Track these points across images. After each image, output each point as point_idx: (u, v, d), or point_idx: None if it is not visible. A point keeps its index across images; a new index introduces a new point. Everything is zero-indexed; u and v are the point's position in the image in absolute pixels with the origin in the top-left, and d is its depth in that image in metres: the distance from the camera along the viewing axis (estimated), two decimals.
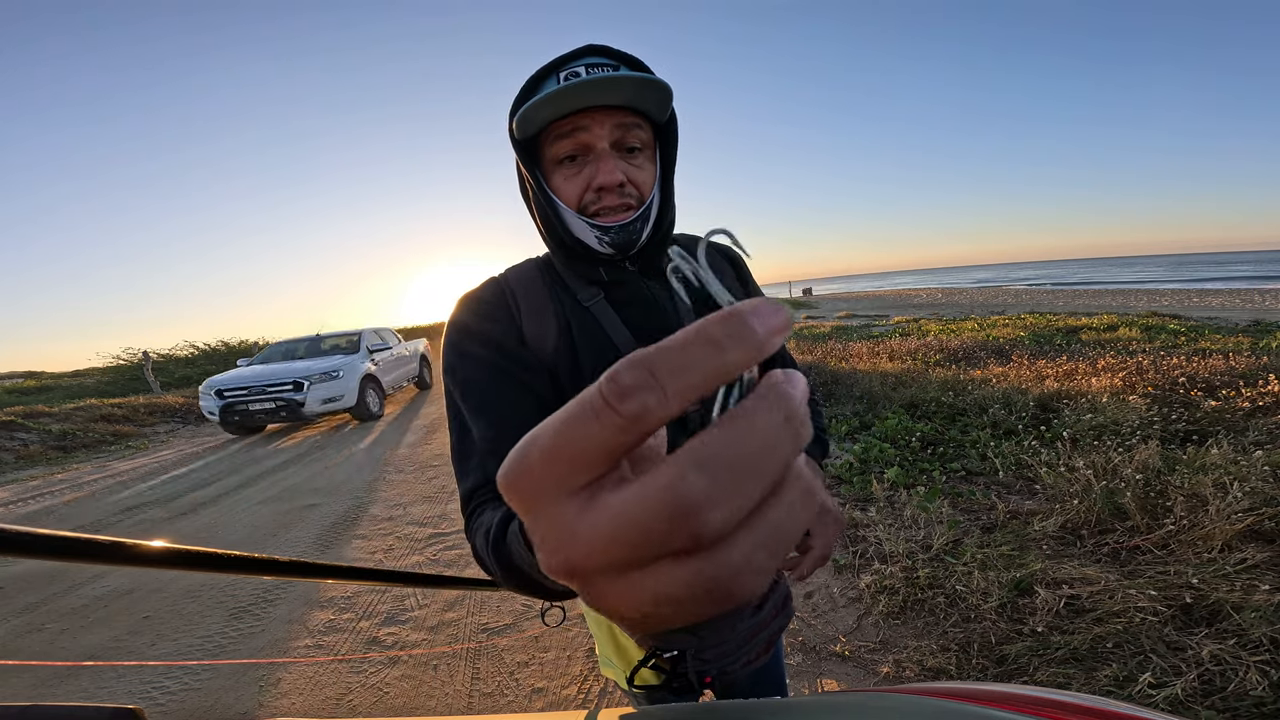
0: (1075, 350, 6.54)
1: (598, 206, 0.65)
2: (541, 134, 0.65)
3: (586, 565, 0.16)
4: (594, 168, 0.64)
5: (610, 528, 0.15)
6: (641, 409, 0.15)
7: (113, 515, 4.48)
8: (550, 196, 0.66)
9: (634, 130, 0.65)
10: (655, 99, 0.64)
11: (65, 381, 14.87)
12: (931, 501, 2.87)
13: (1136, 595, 1.92)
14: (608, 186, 0.63)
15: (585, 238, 0.66)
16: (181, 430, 8.65)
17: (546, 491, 0.16)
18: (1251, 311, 13.19)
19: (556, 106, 0.61)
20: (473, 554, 0.55)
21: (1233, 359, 4.90)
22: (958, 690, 0.39)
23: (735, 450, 0.15)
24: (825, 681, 1.88)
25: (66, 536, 0.45)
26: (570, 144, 0.63)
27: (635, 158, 0.66)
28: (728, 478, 0.15)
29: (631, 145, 0.65)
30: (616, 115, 0.63)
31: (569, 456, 0.16)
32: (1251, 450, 2.79)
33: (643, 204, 0.67)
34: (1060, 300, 21.50)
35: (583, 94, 0.60)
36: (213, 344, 16.66)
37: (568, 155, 0.64)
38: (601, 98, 0.61)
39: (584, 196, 0.65)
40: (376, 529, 3.70)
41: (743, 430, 0.15)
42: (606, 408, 0.15)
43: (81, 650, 2.49)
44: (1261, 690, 1.51)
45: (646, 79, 0.61)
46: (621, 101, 0.62)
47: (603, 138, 0.63)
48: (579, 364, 0.67)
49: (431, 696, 2.01)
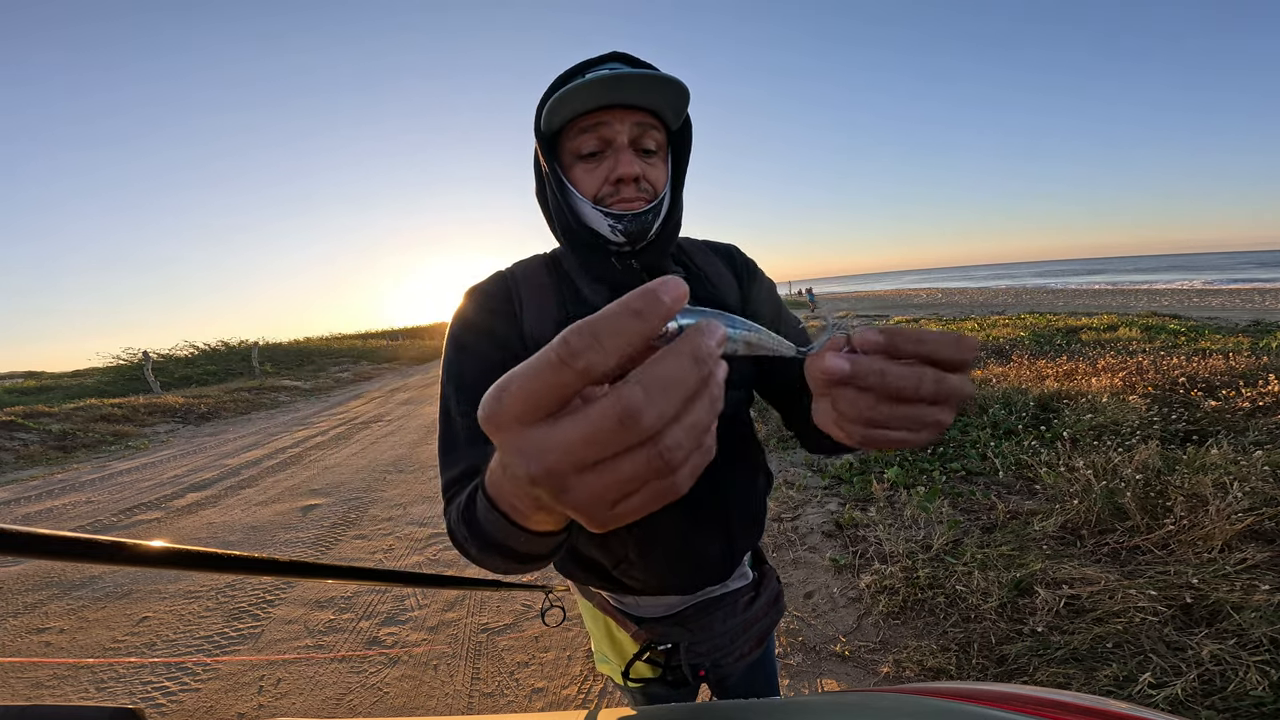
0: (1075, 350, 6.54)
1: (614, 199, 0.68)
2: (563, 130, 0.68)
3: (561, 466, 0.22)
4: (614, 160, 0.67)
5: (578, 433, 0.21)
6: (588, 364, 0.21)
7: (111, 516, 4.48)
8: (566, 186, 0.69)
9: (651, 132, 0.68)
10: (674, 103, 0.67)
11: (65, 381, 14.86)
12: (931, 501, 2.87)
13: (1136, 595, 1.92)
14: (626, 179, 0.66)
15: (598, 226, 0.69)
16: (181, 430, 8.65)
17: (521, 421, 0.22)
18: (1251, 311, 13.20)
19: (584, 100, 0.64)
20: (447, 533, 0.56)
21: (1233, 359, 4.89)
22: (958, 690, 0.39)
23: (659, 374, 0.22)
24: (825, 681, 1.88)
25: (66, 536, 0.45)
26: (592, 138, 0.66)
27: (650, 159, 0.69)
28: (656, 390, 0.21)
29: (647, 147, 0.68)
30: (636, 115, 0.66)
31: (535, 397, 0.22)
32: (1251, 450, 2.79)
33: (657, 198, 0.70)
34: (1060, 300, 21.50)
35: (609, 89, 0.63)
36: (213, 344, 16.65)
37: (589, 151, 0.67)
38: (625, 95, 0.64)
39: (601, 189, 0.68)
40: (377, 529, 3.70)
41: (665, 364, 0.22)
42: (562, 364, 0.21)
43: (81, 650, 2.49)
44: (1261, 690, 1.51)
45: (671, 79, 0.64)
46: (643, 102, 0.66)
47: (623, 134, 0.66)
48: None
49: (431, 696, 2.01)
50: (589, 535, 0.77)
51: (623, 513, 0.24)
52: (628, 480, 0.22)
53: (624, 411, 0.21)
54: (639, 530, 0.74)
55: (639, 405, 0.21)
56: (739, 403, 0.77)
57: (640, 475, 0.22)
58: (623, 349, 0.21)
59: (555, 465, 0.22)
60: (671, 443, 0.22)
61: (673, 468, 0.22)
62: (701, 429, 0.23)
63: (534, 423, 0.22)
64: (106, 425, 8.40)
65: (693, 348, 0.23)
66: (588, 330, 0.21)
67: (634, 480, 0.22)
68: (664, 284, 0.22)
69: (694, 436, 0.23)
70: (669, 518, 0.74)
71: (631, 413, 0.21)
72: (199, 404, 9.80)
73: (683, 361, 0.22)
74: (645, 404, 0.21)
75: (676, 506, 0.89)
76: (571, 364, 0.21)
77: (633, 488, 0.23)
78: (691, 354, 0.22)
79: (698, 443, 0.23)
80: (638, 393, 0.21)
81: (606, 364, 0.21)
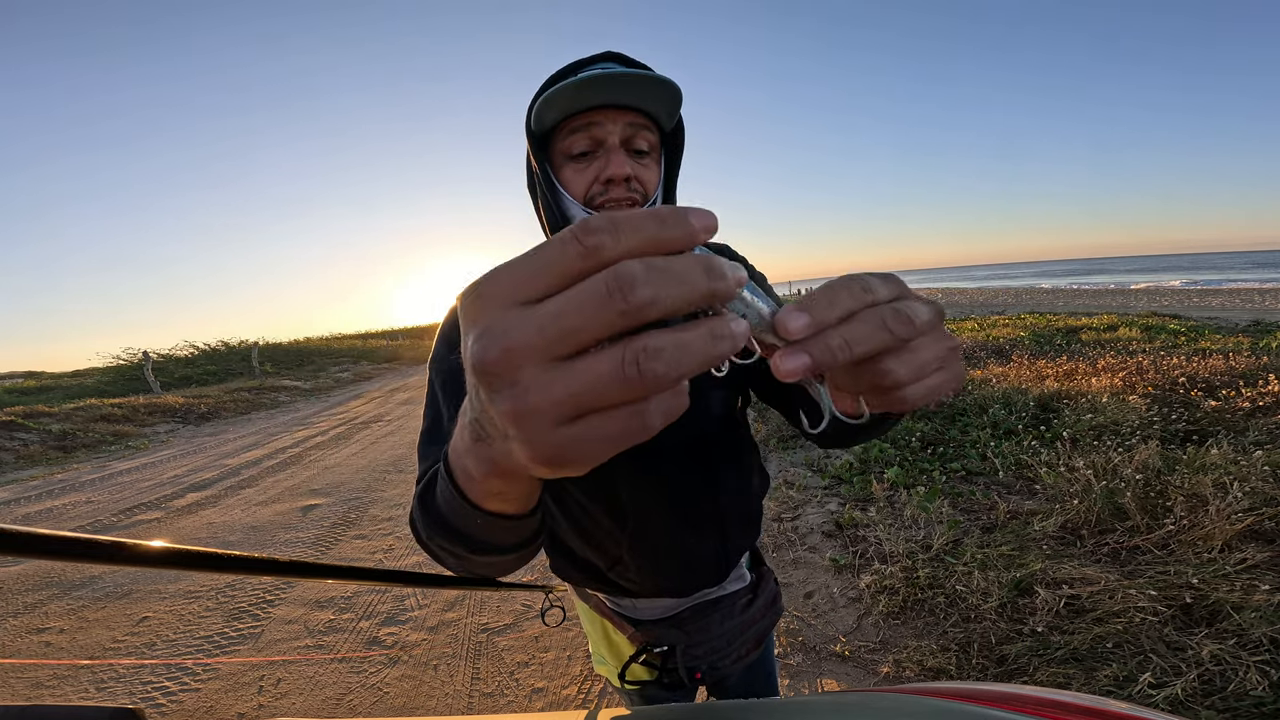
0: (1075, 350, 6.54)
1: (604, 199, 0.66)
2: (555, 130, 0.67)
3: (522, 346, 0.20)
4: (604, 160, 0.65)
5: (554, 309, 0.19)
6: (599, 244, 0.19)
7: (111, 516, 4.48)
8: (555, 186, 0.68)
9: (643, 133, 0.67)
10: (666, 104, 0.66)
11: (65, 381, 14.85)
12: (931, 501, 2.87)
13: (1136, 595, 1.91)
14: (616, 179, 0.65)
15: None
16: (181, 430, 8.65)
17: (504, 297, 0.20)
18: (1251, 311, 13.19)
19: (574, 100, 0.63)
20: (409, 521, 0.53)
21: (1233, 359, 4.89)
22: (958, 690, 0.39)
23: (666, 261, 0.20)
24: (825, 681, 1.88)
25: (66, 536, 0.45)
26: (583, 139, 0.65)
27: (643, 159, 0.68)
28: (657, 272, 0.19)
29: (640, 147, 0.67)
30: (628, 115, 0.65)
31: (532, 272, 0.20)
32: (1251, 450, 2.79)
33: (647, 201, 0.69)
34: (1060, 300, 21.50)
35: (601, 88, 0.62)
36: (213, 344, 16.64)
37: (580, 151, 0.66)
38: (617, 94, 0.63)
39: (591, 189, 0.66)
40: (376, 529, 3.70)
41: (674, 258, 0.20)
42: (574, 239, 0.20)
43: (81, 650, 2.49)
44: (1261, 690, 1.51)
45: (662, 79, 0.63)
46: (635, 102, 0.65)
47: (614, 134, 0.65)
48: None
49: (431, 696, 2.01)
50: (583, 537, 0.77)
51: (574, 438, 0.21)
52: (592, 384, 0.19)
53: (615, 280, 0.19)
54: (632, 531, 0.74)
55: (634, 276, 0.19)
56: (730, 402, 0.77)
57: (609, 380, 0.19)
58: (636, 246, 0.20)
59: (516, 343, 0.20)
60: (653, 345, 0.19)
61: (646, 383, 0.19)
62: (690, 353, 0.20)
63: (519, 301, 0.20)
64: (106, 425, 8.40)
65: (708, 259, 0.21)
66: (611, 219, 0.20)
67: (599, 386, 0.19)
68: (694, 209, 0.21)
69: (678, 356, 0.20)
70: (661, 518, 0.74)
71: (624, 282, 0.19)
72: (199, 404, 9.79)
73: (694, 263, 0.20)
74: (641, 278, 0.19)
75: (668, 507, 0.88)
76: (584, 240, 0.19)
77: (594, 400, 0.20)
78: (705, 262, 0.20)
79: (679, 366, 0.20)
80: (636, 266, 0.19)
81: (615, 253, 0.19)
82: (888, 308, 0.26)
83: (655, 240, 0.20)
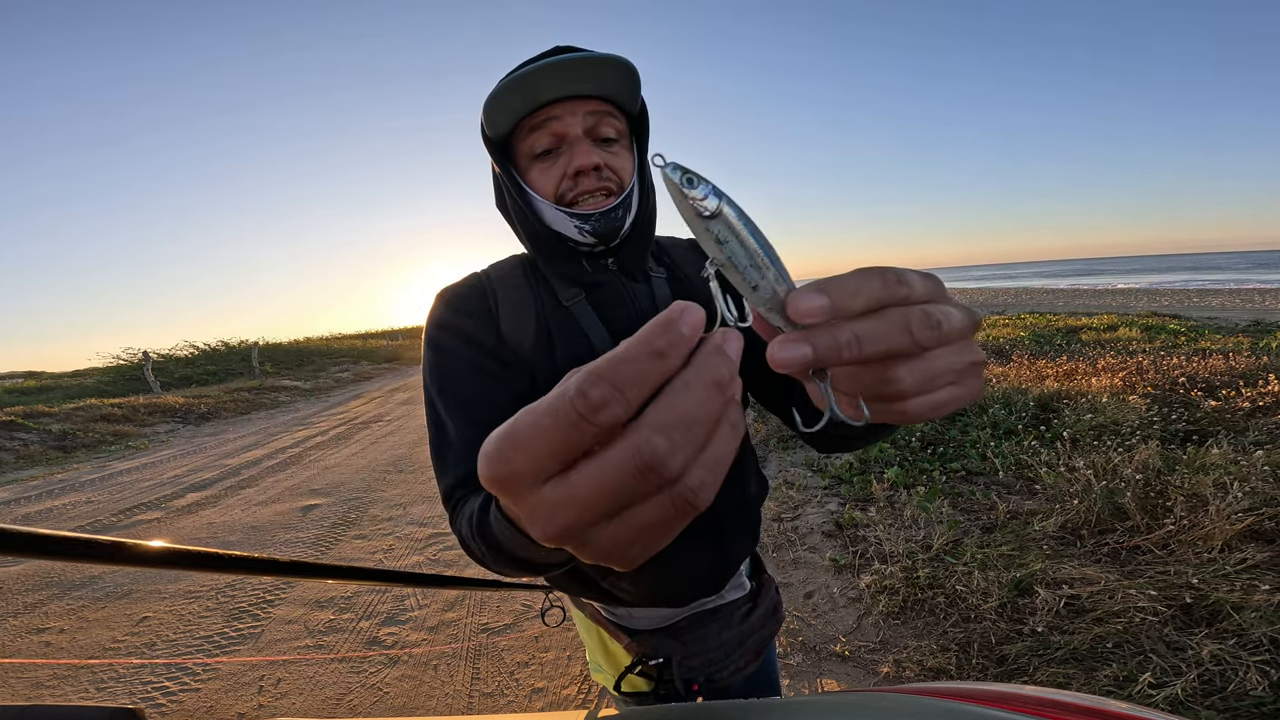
0: (1075, 350, 6.54)
1: (576, 193, 0.64)
2: (514, 132, 0.64)
3: (577, 524, 0.20)
4: (569, 153, 0.63)
5: (595, 488, 0.20)
6: (613, 418, 0.19)
7: (111, 516, 4.48)
8: (524, 189, 0.66)
9: (607, 119, 0.64)
10: (625, 85, 0.63)
11: (65, 381, 14.86)
12: (931, 501, 2.87)
13: (1136, 595, 1.92)
14: (584, 169, 0.62)
15: (563, 229, 0.65)
16: (181, 430, 8.65)
17: (529, 480, 0.20)
18: (1251, 311, 13.20)
19: (526, 96, 0.60)
20: (459, 542, 0.55)
21: (1233, 359, 4.90)
22: (958, 690, 0.39)
23: (680, 412, 0.20)
24: (825, 681, 1.88)
25: (66, 536, 0.45)
26: (544, 135, 0.63)
27: (611, 147, 0.65)
28: (680, 433, 0.19)
29: (606, 135, 0.64)
30: (588, 104, 0.63)
31: (547, 453, 0.20)
32: (1251, 450, 2.79)
33: (623, 190, 0.66)
34: (1060, 300, 21.51)
35: (553, 79, 0.59)
36: (212, 344, 16.64)
37: (543, 149, 0.64)
38: (571, 83, 0.60)
39: (561, 185, 0.64)
40: (377, 529, 3.70)
41: (685, 399, 0.20)
42: (581, 420, 0.19)
43: (81, 650, 2.49)
44: (1261, 690, 1.51)
45: (614, 59, 0.60)
46: (592, 89, 0.62)
47: (576, 125, 0.62)
48: (556, 363, 0.66)
49: (431, 696, 2.01)
50: None
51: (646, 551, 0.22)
52: (649, 526, 0.21)
53: (646, 464, 0.19)
54: None
55: (662, 455, 0.19)
56: None
57: (663, 519, 0.21)
58: (646, 396, 0.19)
59: (571, 523, 0.20)
60: (695, 483, 0.20)
61: (696, 507, 0.21)
62: (723, 461, 0.21)
63: (546, 478, 0.20)
64: (106, 425, 8.40)
65: (713, 374, 0.20)
66: (608, 381, 0.19)
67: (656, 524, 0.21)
68: (682, 313, 0.20)
69: (716, 471, 0.21)
70: None
71: (655, 464, 0.19)
72: (199, 404, 9.79)
73: (704, 394, 0.20)
74: (669, 452, 0.19)
75: None
76: (592, 419, 0.19)
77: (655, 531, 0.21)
78: (712, 382, 0.20)
79: (719, 476, 0.21)
80: (660, 443, 0.19)
81: (629, 413, 0.19)
82: (918, 309, 0.24)
83: (662, 379, 0.20)
